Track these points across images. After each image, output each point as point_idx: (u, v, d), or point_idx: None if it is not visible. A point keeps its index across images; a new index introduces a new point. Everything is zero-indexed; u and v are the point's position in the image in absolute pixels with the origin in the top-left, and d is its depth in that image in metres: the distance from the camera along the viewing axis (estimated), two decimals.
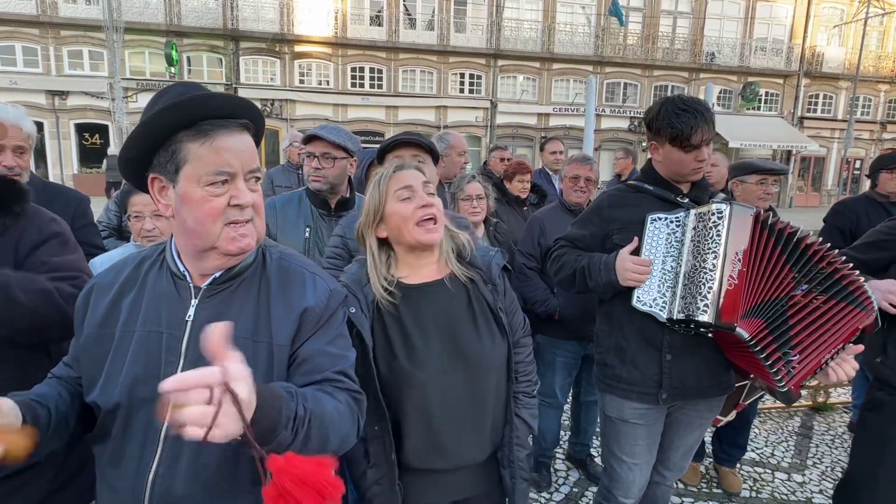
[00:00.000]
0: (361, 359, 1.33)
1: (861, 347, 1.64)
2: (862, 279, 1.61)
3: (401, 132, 2.07)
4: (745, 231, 1.59)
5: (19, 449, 0.85)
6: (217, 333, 0.72)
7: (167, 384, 0.69)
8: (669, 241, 1.73)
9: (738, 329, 1.56)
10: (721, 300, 1.57)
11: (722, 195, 1.83)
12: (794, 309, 1.57)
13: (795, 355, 1.55)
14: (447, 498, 1.48)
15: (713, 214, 1.62)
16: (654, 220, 1.76)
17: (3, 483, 1.30)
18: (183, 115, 0.94)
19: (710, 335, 1.69)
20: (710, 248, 1.61)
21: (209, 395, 0.69)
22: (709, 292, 1.59)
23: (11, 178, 1.48)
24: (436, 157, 2.02)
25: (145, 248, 1.13)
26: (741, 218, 1.60)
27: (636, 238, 1.76)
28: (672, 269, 1.71)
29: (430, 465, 1.40)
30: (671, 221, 1.74)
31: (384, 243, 1.45)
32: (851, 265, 1.61)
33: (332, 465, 0.79)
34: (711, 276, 1.59)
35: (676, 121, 1.70)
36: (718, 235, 1.60)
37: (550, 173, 4.56)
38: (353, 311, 1.32)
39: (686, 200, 1.79)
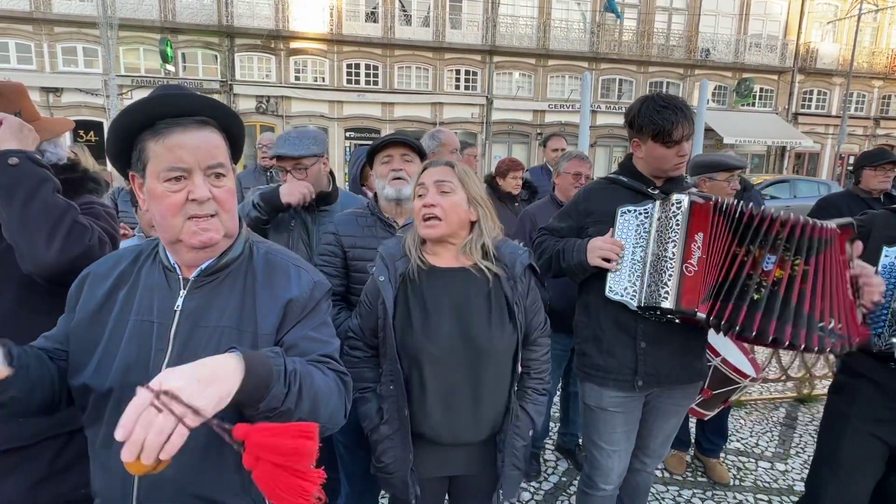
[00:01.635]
0: (383, 324, 1.54)
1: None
2: (816, 222, 1.55)
3: (391, 132, 2.11)
4: (705, 220, 1.65)
5: None
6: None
7: (119, 434, 0.71)
8: (638, 231, 1.79)
9: (698, 314, 1.62)
10: (680, 287, 1.64)
11: (695, 189, 1.88)
12: (782, 285, 1.53)
13: (830, 323, 1.52)
14: (442, 471, 1.62)
15: (673, 205, 1.69)
16: (625, 212, 1.82)
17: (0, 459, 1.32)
18: (142, 116, 0.99)
19: (677, 321, 1.75)
20: (670, 238, 1.68)
21: (154, 411, 0.72)
22: (669, 279, 1.65)
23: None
24: (423, 156, 2.07)
25: (143, 242, 1.18)
26: (700, 207, 1.66)
27: (611, 230, 1.82)
28: (641, 259, 1.76)
29: (428, 435, 1.54)
30: (640, 213, 1.79)
31: None
32: (802, 218, 1.56)
33: (307, 430, 0.78)
34: (671, 263, 1.65)
35: (658, 117, 1.75)
36: (678, 225, 1.66)
37: (551, 169, 4.61)
38: (382, 279, 1.54)
39: (656, 192, 1.83)
